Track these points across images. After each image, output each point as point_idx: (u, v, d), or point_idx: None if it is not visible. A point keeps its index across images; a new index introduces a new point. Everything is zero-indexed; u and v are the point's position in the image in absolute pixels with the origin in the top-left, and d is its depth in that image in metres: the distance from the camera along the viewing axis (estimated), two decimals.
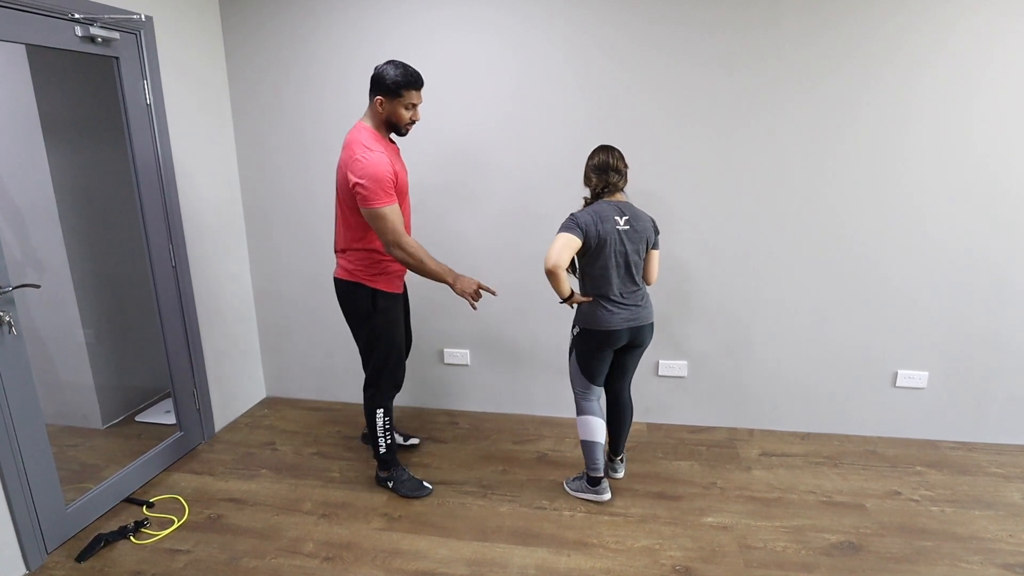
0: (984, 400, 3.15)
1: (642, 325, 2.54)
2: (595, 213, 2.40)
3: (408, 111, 2.39)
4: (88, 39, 2.48)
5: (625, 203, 2.48)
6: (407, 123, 2.43)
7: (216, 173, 3.31)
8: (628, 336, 2.53)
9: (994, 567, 2.29)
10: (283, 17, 3.20)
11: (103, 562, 2.39)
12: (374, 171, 2.27)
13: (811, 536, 2.48)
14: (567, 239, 2.37)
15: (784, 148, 2.96)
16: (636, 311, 2.51)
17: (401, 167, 2.50)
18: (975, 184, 2.88)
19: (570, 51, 3.00)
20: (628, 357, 2.66)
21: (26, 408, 2.29)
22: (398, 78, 2.32)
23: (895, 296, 3.07)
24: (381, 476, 2.85)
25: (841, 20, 2.78)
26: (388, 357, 2.66)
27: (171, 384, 3.07)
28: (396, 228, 2.34)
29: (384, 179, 2.30)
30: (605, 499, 2.72)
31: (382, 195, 2.30)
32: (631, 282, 2.49)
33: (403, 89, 2.33)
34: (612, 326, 2.48)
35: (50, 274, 2.87)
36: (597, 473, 2.69)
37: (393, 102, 2.36)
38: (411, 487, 2.80)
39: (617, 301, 2.48)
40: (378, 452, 2.78)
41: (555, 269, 2.35)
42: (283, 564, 2.37)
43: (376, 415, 2.71)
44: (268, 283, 3.64)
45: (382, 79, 2.34)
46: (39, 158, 2.76)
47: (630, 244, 2.44)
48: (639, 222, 2.46)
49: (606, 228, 2.39)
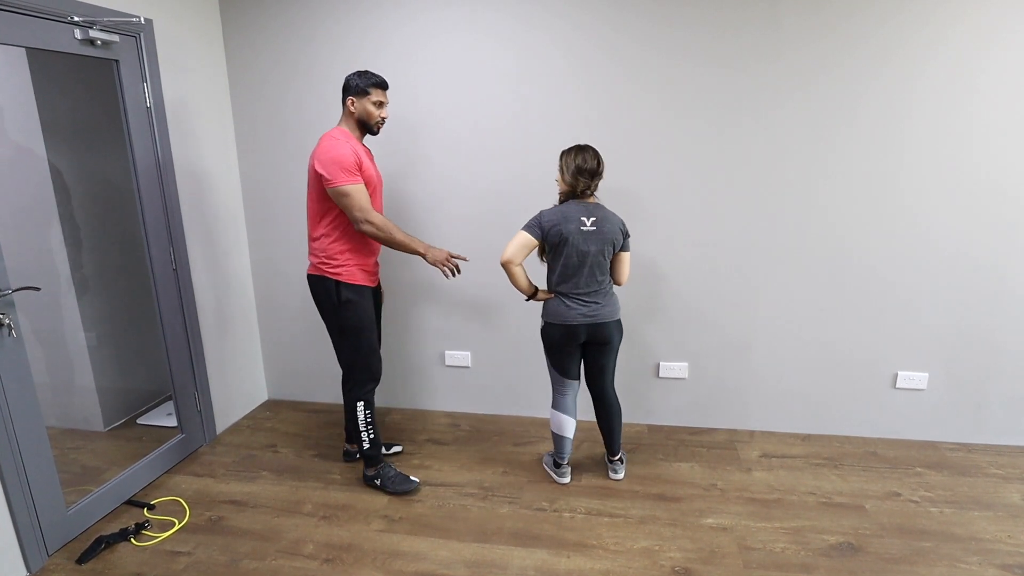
0: (984, 401, 3.15)
1: (602, 323, 2.63)
2: (561, 213, 2.53)
3: (377, 108, 2.58)
4: (88, 42, 2.49)
5: (595, 205, 2.57)
6: (377, 120, 2.61)
7: (217, 175, 3.32)
8: (587, 332, 2.64)
9: (993, 568, 2.30)
10: (284, 19, 3.21)
11: (104, 564, 2.39)
12: (335, 154, 2.45)
13: (810, 537, 2.49)
14: (524, 238, 2.55)
15: (784, 149, 2.97)
16: (595, 308, 2.61)
17: (371, 165, 2.63)
18: (974, 185, 2.88)
19: (571, 52, 3.00)
20: (599, 355, 2.73)
21: (26, 410, 2.30)
22: (366, 79, 2.56)
23: (895, 297, 3.08)
24: (368, 475, 2.87)
25: (840, 22, 2.78)
26: (358, 349, 2.71)
27: (172, 386, 3.08)
28: (363, 204, 2.49)
29: (346, 160, 2.45)
30: (562, 482, 2.89)
31: (345, 174, 2.45)
32: (593, 281, 2.59)
33: (370, 87, 2.55)
34: (569, 320, 2.61)
35: (51, 277, 2.87)
36: (560, 460, 2.89)
37: (363, 100, 2.56)
38: (398, 482, 2.83)
39: (575, 297, 2.61)
40: (362, 448, 2.80)
41: (506, 264, 2.56)
42: (283, 566, 2.38)
43: (356, 409, 2.75)
44: (269, 285, 3.65)
45: (351, 83, 2.57)
46: (40, 161, 2.76)
47: (594, 245, 2.53)
48: (606, 224, 2.54)
49: (569, 228, 2.50)
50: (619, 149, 3.05)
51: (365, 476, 2.88)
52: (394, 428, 3.43)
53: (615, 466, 2.91)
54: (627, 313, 3.25)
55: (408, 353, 3.59)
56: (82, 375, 3.09)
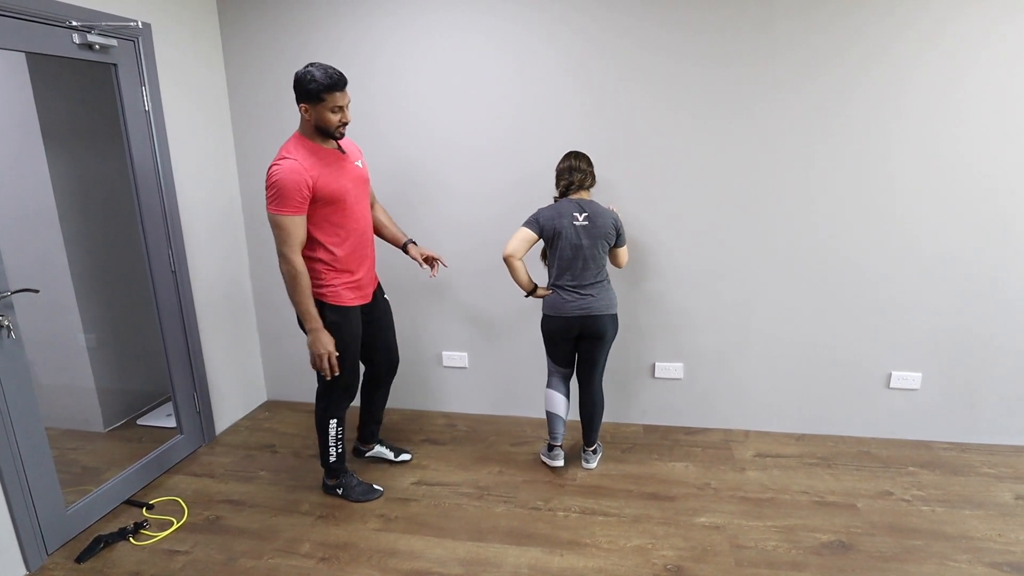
0: (977, 401, 3.17)
1: (595, 315, 2.72)
2: (556, 209, 2.69)
3: (335, 114, 2.29)
4: (86, 46, 2.52)
5: (588, 201, 2.70)
6: (336, 126, 2.33)
7: (215, 178, 3.34)
8: (581, 324, 2.74)
9: (982, 566, 2.32)
10: (282, 23, 3.23)
11: (103, 563, 2.42)
12: (279, 178, 2.25)
13: (802, 536, 2.51)
14: (524, 233, 2.69)
15: (778, 151, 2.99)
16: (589, 300, 2.71)
17: (333, 174, 2.37)
18: (965, 186, 2.90)
19: (566, 54, 3.02)
20: (591, 348, 2.82)
21: (26, 411, 2.33)
22: (319, 81, 2.21)
23: (888, 298, 3.10)
24: (328, 484, 2.82)
25: (831, 23, 2.80)
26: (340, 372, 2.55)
27: (171, 387, 3.11)
28: (288, 240, 2.29)
29: (287, 187, 2.24)
30: (554, 465, 3.00)
31: (280, 202, 2.26)
32: (587, 274, 2.70)
33: (324, 93, 2.23)
34: (564, 312, 2.73)
35: (51, 279, 2.90)
36: (552, 441, 2.99)
37: (317, 107, 2.27)
38: (361, 491, 2.78)
39: (570, 289, 2.72)
40: (327, 461, 2.75)
41: (508, 258, 2.67)
42: (280, 564, 2.40)
43: (329, 426, 2.68)
44: (268, 286, 3.67)
45: (302, 84, 2.24)
46: (39, 164, 2.79)
47: (587, 239, 2.65)
48: (599, 219, 2.66)
49: (562, 223, 2.65)
50: (613, 149, 3.07)
51: (325, 486, 2.84)
52: (392, 428, 3.46)
53: (587, 456, 3.01)
54: (623, 313, 3.27)
55: (406, 354, 3.59)
56: (82, 376, 3.12)
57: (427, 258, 2.84)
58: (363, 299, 2.61)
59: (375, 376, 2.90)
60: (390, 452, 3.09)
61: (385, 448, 3.09)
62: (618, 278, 3.24)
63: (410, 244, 2.85)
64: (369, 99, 3.22)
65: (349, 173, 2.46)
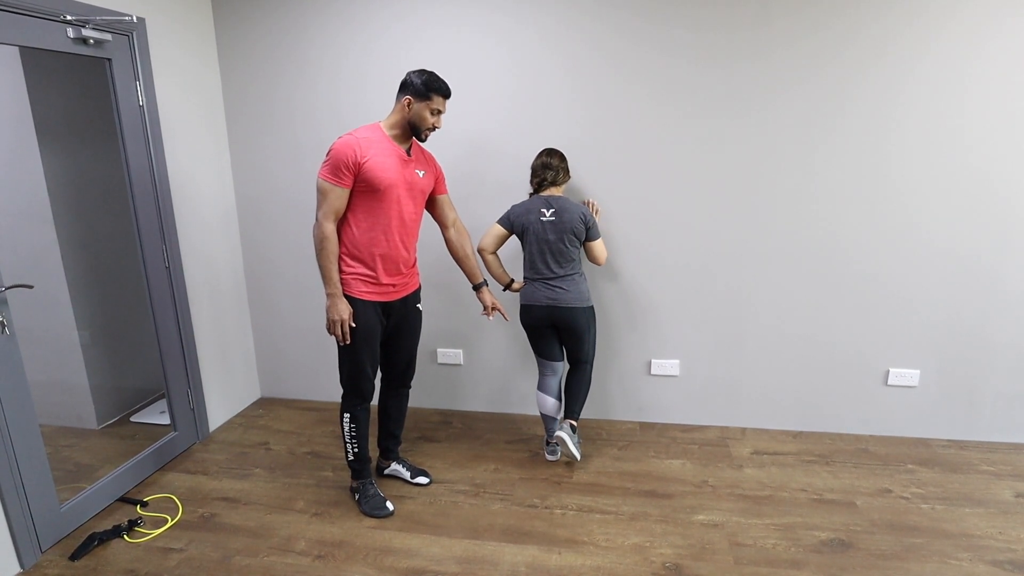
0: (976, 398, 3.16)
1: (565, 307, 2.82)
2: (525, 206, 2.84)
3: (432, 116, 2.44)
4: (80, 41, 2.50)
5: (557, 197, 2.81)
6: (428, 127, 2.45)
7: (209, 173, 3.32)
8: (552, 315, 2.84)
9: (983, 564, 2.31)
10: (275, 18, 3.21)
11: (97, 560, 2.40)
12: (335, 146, 2.36)
13: (801, 533, 2.49)
14: (495, 229, 2.89)
15: (776, 146, 2.98)
16: (558, 292, 2.82)
17: (386, 166, 2.39)
18: (965, 182, 2.89)
19: (561, 49, 3.01)
20: (568, 339, 2.93)
21: (20, 408, 2.31)
22: (429, 82, 2.41)
23: (887, 294, 3.08)
24: (352, 486, 2.80)
25: (831, 20, 2.79)
26: (343, 365, 2.58)
27: (165, 384, 3.09)
28: (323, 205, 2.39)
29: (337, 156, 2.34)
30: (551, 459, 3.06)
31: (328, 168, 2.36)
32: (556, 266, 2.82)
33: (432, 92, 2.41)
34: (534, 301, 2.86)
35: (44, 275, 2.88)
36: (550, 437, 3.05)
37: (420, 103, 2.41)
38: (372, 505, 2.70)
39: (539, 281, 2.85)
40: (345, 458, 2.74)
41: (480, 252, 2.89)
42: (275, 562, 2.38)
43: (343, 419, 2.67)
44: (262, 283, 3.65)
45: (413, 82, 2.42)
46: (33, 159, 2.77)
47: (553, 234, 2.77)
48: (565, 214, 2.77)
49: (530, 219, 2.80)
50: (608, 147, 3.06)
51: (350, 486, 2.83)
52: None
53: (562, 426, 2.93)
54: (620, 310, 3.27)
55: None
56: (75, 373, 3.10)
57: (494, 307, 2.86)
58: (380, 296, 2.55)
59: (386, 383, 2.85)
60: (406, 471, 2.95)
61: (402, 467, 2.96)
62: (615, 275, 3.24)
63: (484, 287, 2.86)
64: (363, 94, 3.21)
65: (404, 174, 2.47)
